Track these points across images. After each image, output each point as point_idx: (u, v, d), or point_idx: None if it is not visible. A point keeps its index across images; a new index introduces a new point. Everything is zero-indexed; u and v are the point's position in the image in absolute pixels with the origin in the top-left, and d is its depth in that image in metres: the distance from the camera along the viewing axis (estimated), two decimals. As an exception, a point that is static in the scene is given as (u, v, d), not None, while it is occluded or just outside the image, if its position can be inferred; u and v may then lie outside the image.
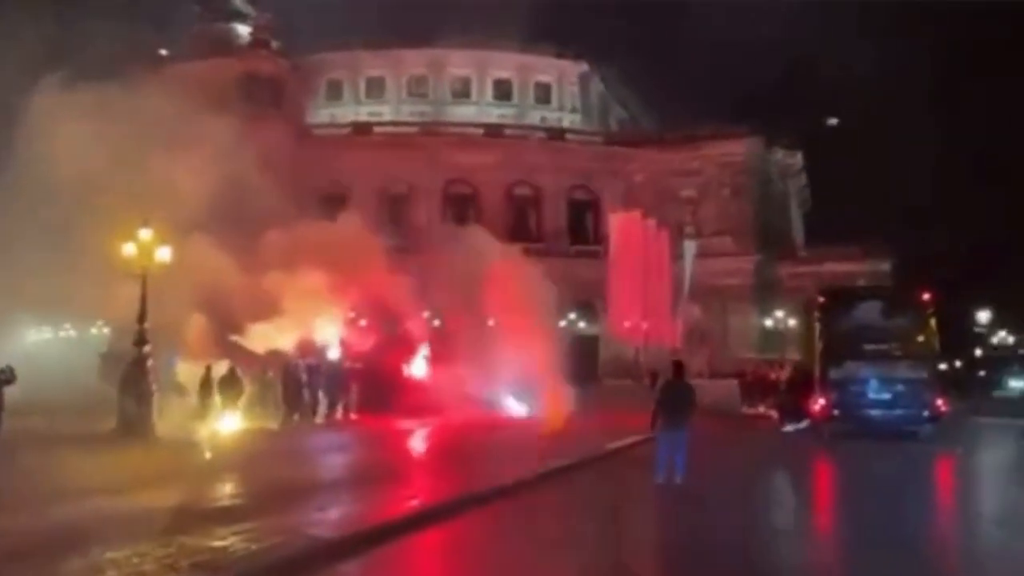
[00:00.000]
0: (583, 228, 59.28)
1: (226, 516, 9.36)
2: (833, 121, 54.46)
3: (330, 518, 9.71)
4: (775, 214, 60.77)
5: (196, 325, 24.26)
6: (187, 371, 22.52)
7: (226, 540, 8.14)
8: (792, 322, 55.74)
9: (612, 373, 49.23)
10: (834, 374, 18.59)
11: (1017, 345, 54.87)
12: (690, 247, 38.14)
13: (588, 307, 53.16)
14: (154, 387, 18.12)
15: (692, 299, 46.04)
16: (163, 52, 54.90)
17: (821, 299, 18.87)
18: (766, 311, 56.82)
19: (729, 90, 66.31)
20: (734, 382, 41.05)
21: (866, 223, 57.66)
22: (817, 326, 18.96)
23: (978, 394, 30.93)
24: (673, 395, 12.95)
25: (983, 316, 48.21)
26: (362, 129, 59.67)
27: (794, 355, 52.32)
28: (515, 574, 8.27)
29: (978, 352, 51.08)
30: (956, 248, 55.71)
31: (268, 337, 25.47)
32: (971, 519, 11.25)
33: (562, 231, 58.42)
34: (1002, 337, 60.84)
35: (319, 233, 27.92)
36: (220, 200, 23.15)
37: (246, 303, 25.21)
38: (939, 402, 18.30)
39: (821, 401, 18.59)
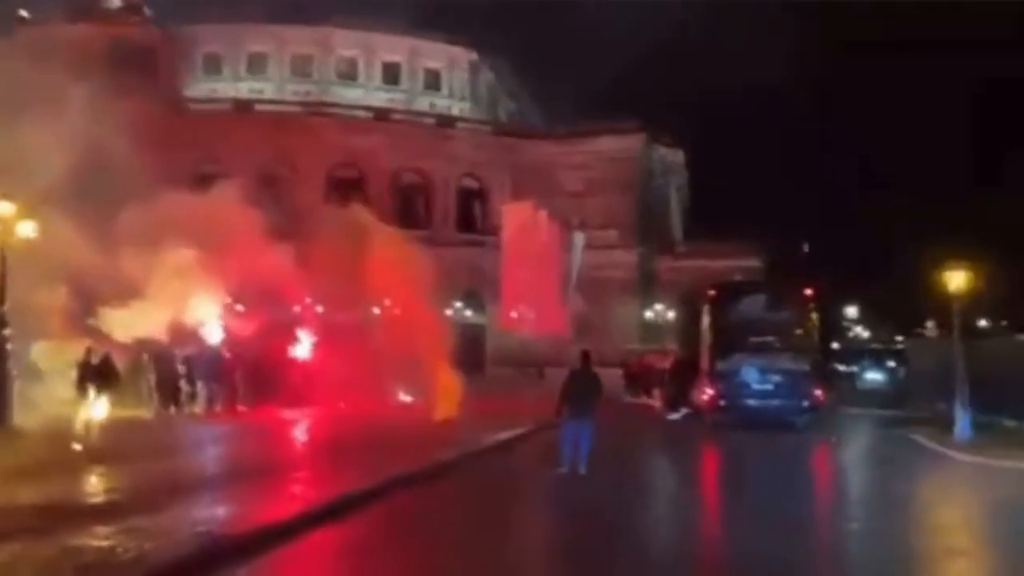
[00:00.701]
0: (471, 217, 59.05)
1: (106, 513, 8.59)
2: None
3: (217, 516, 9.06)
4: (657, 210, 62.41)
5: (57, 307, 22.45)
6: (47, 356, 20.88)
7: (111, 540, 7.43)
8: (671, 314, 57.67)
9: (498, 363, 49.37)
10: (721, 365, 19.14)
11: (873, 340, 58.47)
12: (579, 239, 38.66)
13: (474, 296, 53.14)
14: (14, 372, 16.66)
15: (577, 291, 46.69)
16: (23, 14, 51.01)
17: (711, 292, 19.40)
18: (646, 304, 58.44)
19: (615, 86, 67.66)
20: (617, 372, 42.13)
21: (741, 221, 60.24)
22: (706, 318, 19.48)
23: (845, 386, 32.68)
24: (580, 384, 12.96)
25: (851, 311, 51.03)
26: (243, 106, 57.21)
27: (671, 346, 54.56)
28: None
29: (834, 345, 54.17)
30: (827, 247, 58.75)
31: (133, 321, 23.70)
32: (840, 498, 11.72)
33: (449, 220, 57.99)
34: (857, 332, 65.04)
35: (187, 207, 25.58)
36: (82, 173, 21.50)
37: (106, 284, 23.36)
38: (818, 393, 19.15)
39: (709, 391, 19.10)
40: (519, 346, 49.65)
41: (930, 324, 53.52)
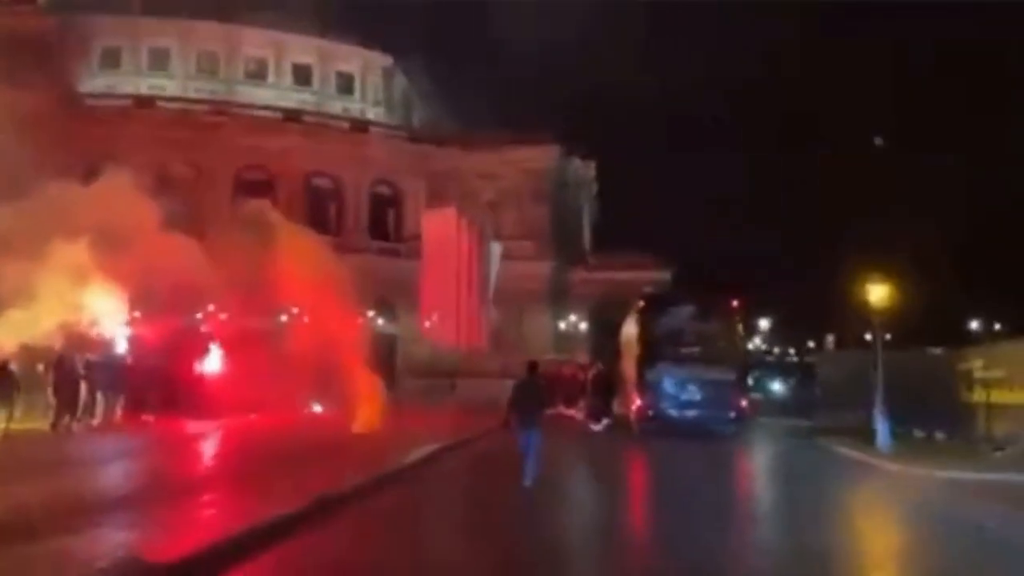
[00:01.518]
0: (383, 224, 58.01)
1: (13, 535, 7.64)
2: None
3: (123, 540, 8.13)
4: (570, 222, 62.80)
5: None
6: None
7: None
8: (583, 325, 58.09)
9: (411, 373, 48.53)
10: (649, 375, 19.10)
11: (770, 353, 60.49)
12: (496, 248, 38.24)
13: (387, 305, 52.08)
14: None
15: (492, 301, 46.42)
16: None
17: (640, 303, 19.36)
18: (559, 315, 58.67)
19: (529, 97, 67.96)
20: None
21: (648, 234, 61.33)
22: (635, 329, 19.42)
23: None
24: (528, 395, 12.64)
25: (764, 324, 52.36)
26: (144, 103, 54.59)
27: (583, 357, 54.95)
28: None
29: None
30: (733, 260, 60.25)
31: (19, 325, 21.80)
32: (777, 509, 11.71)
33: (362, 226, 56.76)
34: (756, 345, 67.24)
35: (75, 197, 23.58)
36: None
37: None
38: (744, 403, 19.36)
39: (638, 401, 19.02)
40: (431, 357, 49.09)
41: (830, 338, 55.75)
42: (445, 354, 47.16)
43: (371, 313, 49.20)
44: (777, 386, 41.11)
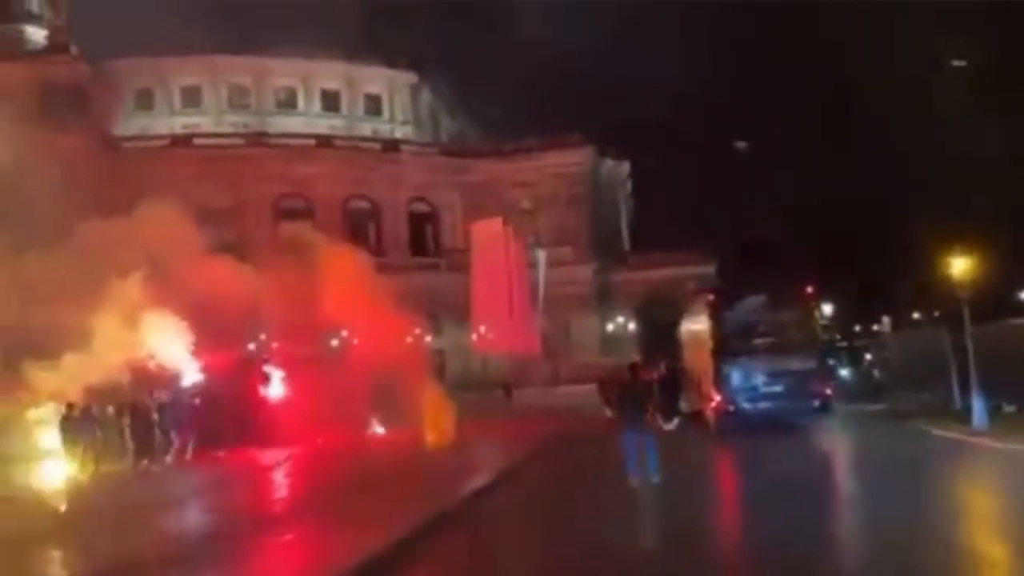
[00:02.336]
0: (423, 240, 58.16)
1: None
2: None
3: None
4: (607, 223, 62.47)
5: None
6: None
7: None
8: (631, 326, 57.58)
9: (460, 386, 48.34)
10: (726, 370, 18.68)
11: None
12: (541, 256, 38.13)
13: (432, 320, 52.04)
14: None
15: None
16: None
17: (711, 297, 18.95)
18: (605, 317, 58.24)
19: (555, 101, 67.77)
20: (588, 387, 41.54)
21: (686, 229, 60.63)
22: (707, 324, 19.01)
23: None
24: (632, 396, 12.57)
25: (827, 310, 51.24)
26: (181, 141, 55.33)
27: (634, 357, 54.31)
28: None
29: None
30: (773, 250, 59.24)
31: (79, 369, 21.83)
32: (905, 497, 11.16)
33: (402, 244, 56.95)
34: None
35: (119, 233, 23.01)
36: (9, 216, 19.84)
37: (42, 333, 21.24)
38: (827, 391, 18.85)
39: (716, 397, 18.61)
40: (481, 368, 48.97)
41: (886, 319, 54.47)
42: (495, 365, 47.10)
43: (417, 329, 49.40)
44: (844, 371, 39.99)
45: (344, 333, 41.82)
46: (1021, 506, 10.19)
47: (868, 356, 40.22)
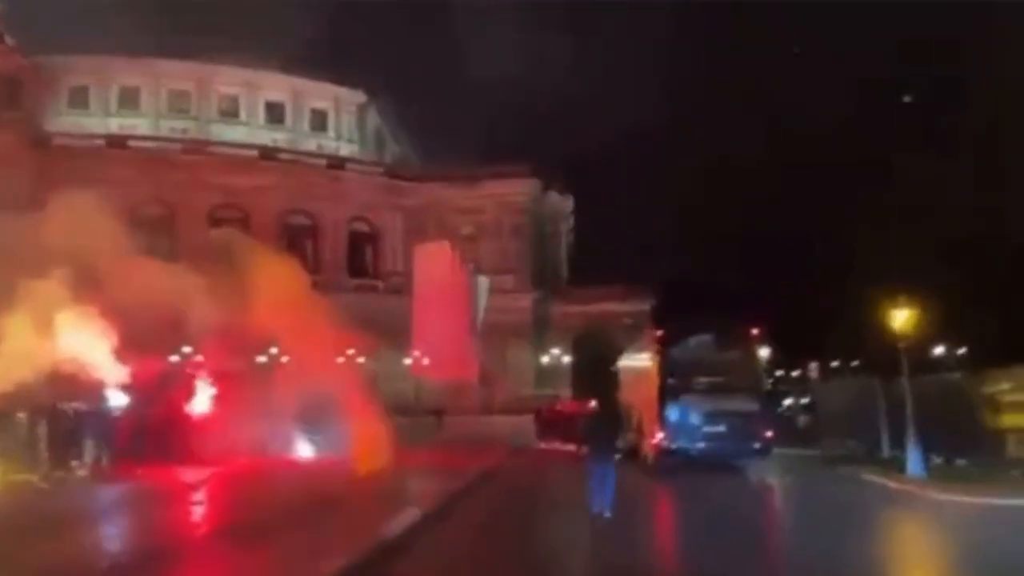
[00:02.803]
0: (362, 261, 57.23)
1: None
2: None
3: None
4: (548, 254, 62.60)
5: None
6: None
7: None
8: (566, 359, 57.53)
9: (391, 410, 47.38)
10: (671, 408, 18.55)
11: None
12: (484, 283, 37.70)
13: (366, 343, 51.06)
14: None
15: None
16: None
17: (659, 333, 18.84)
18: (540, 348, 58.10)
19: (502, 133, 68.07)
20: (521, 418, 41.23)
21: (624, 267, 61.25)
22: (651, 360, 18.88)
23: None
24: (601, 427, 12.47)
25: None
26: (116, 142, 53.51)
27: (566, 390, 54.35)
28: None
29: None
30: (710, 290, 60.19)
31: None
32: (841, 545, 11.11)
33: (340, 264, 55.92)
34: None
35: (35, 228, 20.82)
36: None
37: None
38: (769, 434, 18.87)
39: (658, 435, 18.44)
40: (414, 392, 48.14)
41: (813, 365, 55.66)
42: (428, 390, 46.33)
43: (351, 351, 48.33)
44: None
45: (273, 350, 40.56)
46: (964, 555, 10.25)
47: (787, 402, 40.84)
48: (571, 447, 29.36)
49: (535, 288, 58.35)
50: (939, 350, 47.84)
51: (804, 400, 37.89)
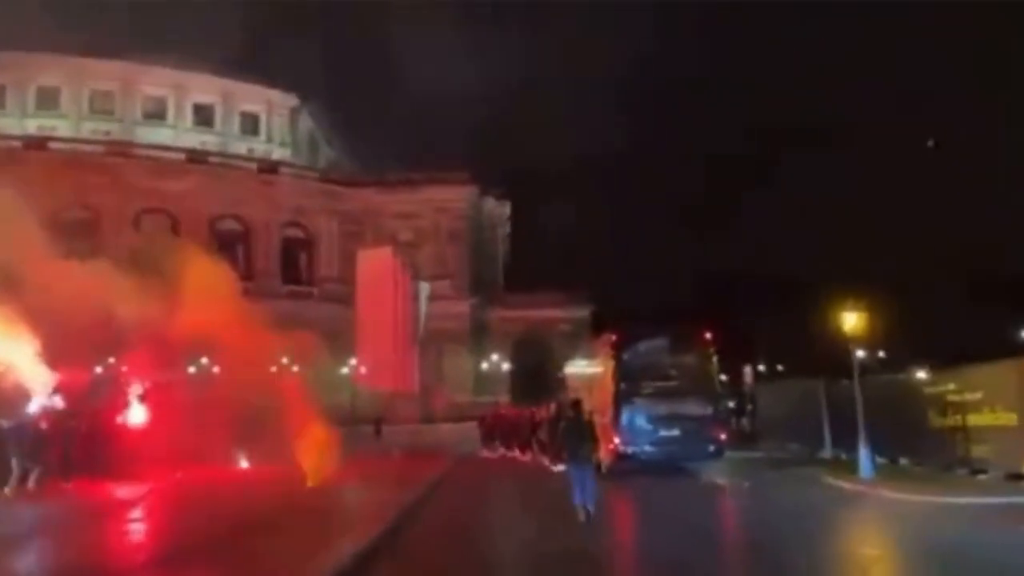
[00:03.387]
0: (296, 267, 55.97)
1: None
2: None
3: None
4: (485, 260, 62.33)
5: None
6: None
7: None
8: (505, 366, 57.26)
9: (329, 420, 46.41)
10: (625, 412, 18.44)
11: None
12: (424, 289, 37.15)
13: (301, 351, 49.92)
14: None
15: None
16: None
17: (613, 337, 18.70)
18: (479, 355, 57.71)
19: (436, 138, 67.76)
20: (460, 425, 40.77)
21: (560, 274, 61.49)
22: (604, 364, 18.75)
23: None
24: (577, 432, 12.19)
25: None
26: (34, 144, 51.12)
27: (505, 397, 54.02)
28: None
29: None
30: (648, 297, 60.96)
31: None
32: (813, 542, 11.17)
33: (273, 270, 54.54)
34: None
35: None
36: None
37: None
38: (723, 436, 18.91)
39: (615, 439, 18.30)
40: (350, 402, 47.18)
41: (747, 369, 56.69)
42: (365, 399, 45.48)
43: (285, 359, 47.08)
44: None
45: (204, 360, 39.16)
46: (915, 549, 10.52)
47: (730, 404, 41.49)
48: (517, 454, 29.12)
49: (472, 294, 57.98)
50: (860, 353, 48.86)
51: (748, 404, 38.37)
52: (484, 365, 55.88)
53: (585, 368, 23.94)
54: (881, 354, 50.37)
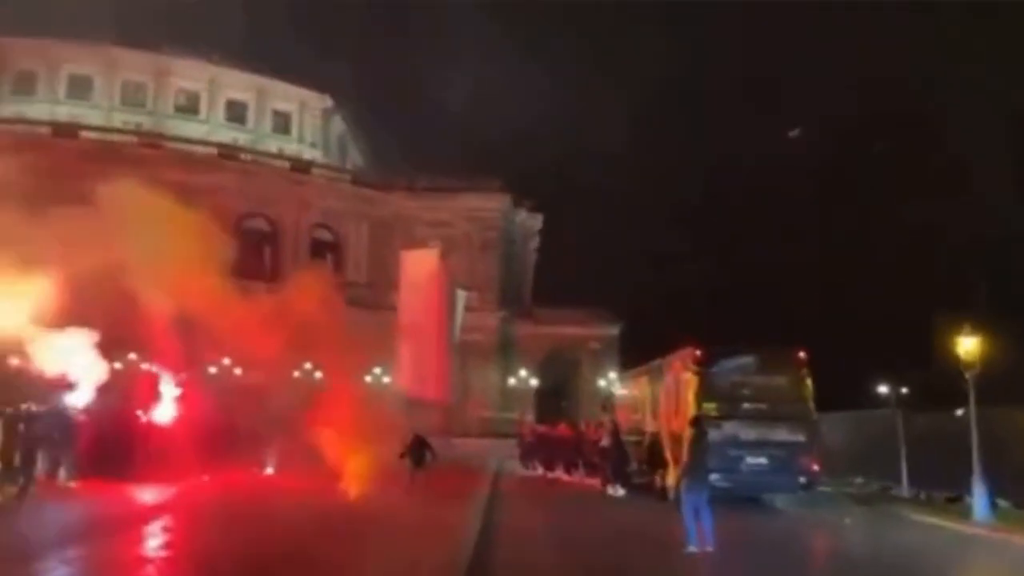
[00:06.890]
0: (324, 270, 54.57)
1: None
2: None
3: None
4: (515, 273, 60.86)
5: None
6: None
7: None
8: (533, 382, 55.58)
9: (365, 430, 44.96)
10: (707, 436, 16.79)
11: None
12: (462, 297, 35.41)
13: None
14: None
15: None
16: None
17: (697, 352, 17.14)
18: (506, 369, 56.08)
19: (471, 146, 66.52)
20: (485, 441, 39.27)
21: (590, 290, 59.82)
22: (694, 382, 17.13)
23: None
24: (701, 454, 12.26)
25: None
26: (65, 131, 50.10)
27: (530, 415, 52.25)
28: None
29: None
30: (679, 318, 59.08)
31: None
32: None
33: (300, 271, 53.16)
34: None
35: None
36: None
37: None
38: (816, 468, 17.31)
39: (694, 466, 16.62)
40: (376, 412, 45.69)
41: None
42: (395, 409, 43.90)
43: (308, 366, 45.66)
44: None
45: (226, 361, 37.71)
46: None
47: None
48: (559, 474, 27.32)
49: (501, 307, 56.44)
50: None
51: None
52: (512, 380, 54.21)
53: (640, 387, 22.43)
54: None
